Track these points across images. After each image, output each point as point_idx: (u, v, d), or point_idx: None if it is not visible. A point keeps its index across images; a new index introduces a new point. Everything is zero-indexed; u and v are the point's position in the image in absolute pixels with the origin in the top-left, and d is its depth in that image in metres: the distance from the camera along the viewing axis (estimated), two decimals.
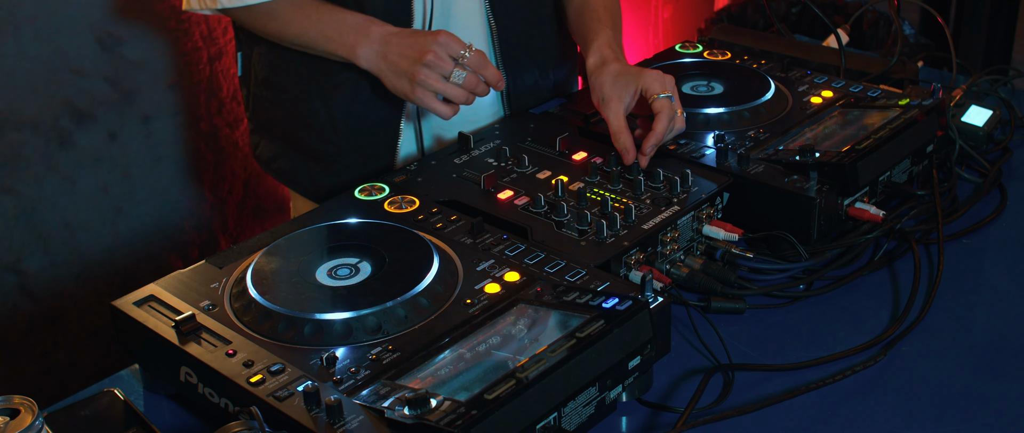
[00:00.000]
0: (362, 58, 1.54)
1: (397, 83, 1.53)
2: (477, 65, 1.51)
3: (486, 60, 1.52)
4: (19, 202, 2.13)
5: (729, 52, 1.88)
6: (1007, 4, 3.24)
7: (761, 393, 1.25)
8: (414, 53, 1.50)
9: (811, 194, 1.42)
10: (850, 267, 1.47)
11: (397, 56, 1.51)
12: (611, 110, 1.54)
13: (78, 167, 2.20)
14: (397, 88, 1.53)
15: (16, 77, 2.08)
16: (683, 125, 1.55)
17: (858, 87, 1.73)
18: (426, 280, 1.23)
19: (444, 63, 1.49)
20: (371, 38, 1.54)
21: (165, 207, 2.37)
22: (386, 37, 1.53)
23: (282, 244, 1.32)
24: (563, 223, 1.38)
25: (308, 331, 1.17)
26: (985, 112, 1.73)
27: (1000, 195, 1.64)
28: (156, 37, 2.25)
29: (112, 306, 1.25)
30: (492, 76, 1.53)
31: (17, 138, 2.10)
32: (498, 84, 1.55)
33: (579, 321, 1.13)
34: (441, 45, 1.49)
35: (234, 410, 1.12)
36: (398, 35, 1.53)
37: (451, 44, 1.50)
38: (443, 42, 1.49)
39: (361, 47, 1.54)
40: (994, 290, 1.46)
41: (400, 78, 1.52)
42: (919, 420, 1.22)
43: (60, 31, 2.11)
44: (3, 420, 1.00)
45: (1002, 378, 1.28)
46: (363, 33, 1.54)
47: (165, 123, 2.32)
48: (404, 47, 1.51)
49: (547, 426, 1.06)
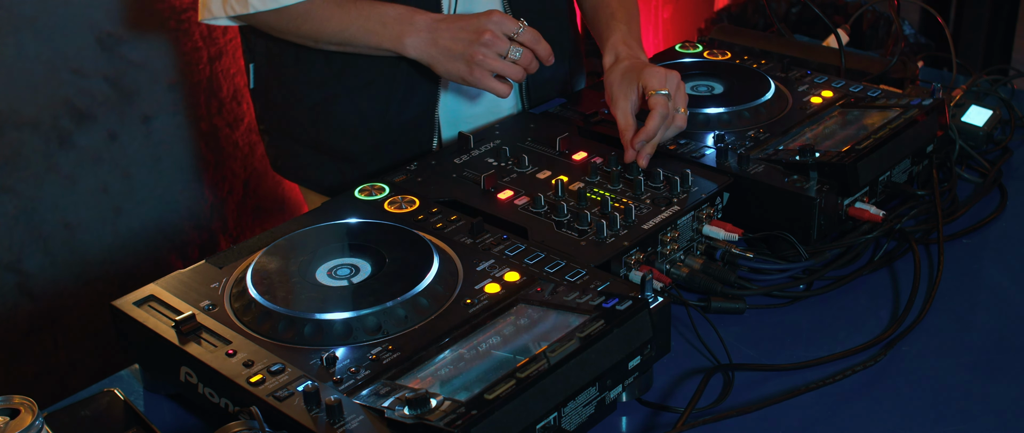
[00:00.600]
0: (410, 47, 1.55)
1: (452, 66, 1.54)
2: (531, 41, 1.54)
3: (538, 35, 1.55)
4: (19, 202, 2.13)
5: (729, 52, 1.88)
6: (1007, 4, 3.24)
7: (761, 393, 1.25)
8: (469, 35, 1.51)
9: (811, 194, 1.42)
10: (850, 267, 1.47)
11: (450, 40, 1.52)
12: (618, 108, 1.55)
13: (78, 167, 2.20)
14: (452, 71, 1.54)
15: (16, 77, 2.08)
16: (683, 124, 1.54)
17: (858, 87, 1.73)
18: (426, 280, 1.23)
19: (501, 42, 1.52)
20: (417, 26, 1.54)
21: (165, 207, 2.37)
22: (434, 24, 1.54)
23: (282, 244, 1.32)
24: (563, 223, 1.38)
25: (308, 331, 1.17)
26: (985, 112, 1.73)
27: (1000, 195, 1.64)
28: (156, 37, 2.25)
29: (112, 306, 1.25)
30: (544, 52, 1.56)
31: (17, 138, 2.10)
32: (548, 59, 1.57)
33: (579, 321, 1.13)
34: (496, 24, 1.52)
35: (234, 410, 1.12)
36: (446, 20, 1.55)
37: (506, 23, 1.52)
38: (498, 21, 1.52)
39: (408, 36, 1.54)
40: (994, 290, 1.46)
41: (455, 61, 1.53)
42: (919, 420, 1.22)
43: (60, 31, 2.11)
44: (3, 420, 1.00)
45: (1002, 378, 1.28)
46: (408, 22, 1.55)
47: (165, 123, 2.32)
48: (457, 30, 1.53)
49: (547, 426, 1.06)
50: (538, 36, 1.55)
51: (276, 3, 1.56)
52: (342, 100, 1.68)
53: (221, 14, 1.60)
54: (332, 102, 1.68)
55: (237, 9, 1.58)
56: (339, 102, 1.68)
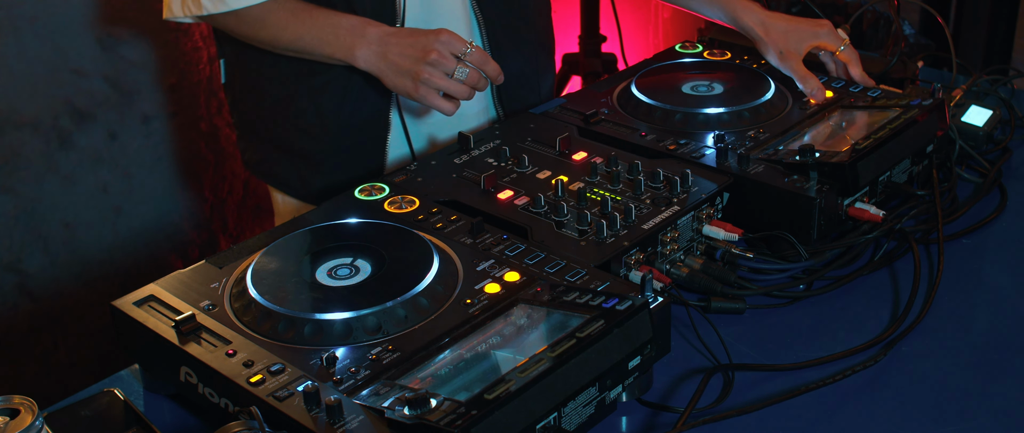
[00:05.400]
0: (360, 59, 1.55)
1: (399, 82, 1.54)
2: (478, 61, 1.54)
3: (487, 56, 1.55)
4: (19, 202, 2.14)
5: (729, 52, 1.88)
6: (1007, 4, 3.24)
7: (761, 393, 1.25)
8: (416, 52, 1.52)
9: (811, 194, 1.42)
10: (850, 267, 1.47)
11: (398, 55, 1.53)
12: (793, 61, 1.72)
13: (78, 167, 2.20)
14: (398, 87, 1.55)
15: (16, 77, 2.08)
16: None
17: (858, 87, 1.73)
18: (426, 280, 1.23)
19: (447, 61, 1.52)
20: (368, 39, 1.55)
21: (165, 207, 2.37)
22: (384, 37, 1.55)
23: (282, 244, 1.32)
24: (563, 223, 1.38)
25: (308, 331, 1.17)
26: (985, 112, 1.73)
27: (1000, 195, 1.64)
28: (156, 37, 2.25)
29: (112, 306, 1.25)
30: (492, 71, 1.57)
31: (17, 138, 2.11)
32: (498, 78, 1.58)
33: (579, 321, 1.13)
34: (444, 43, 1.52)
35: (234, 410, 1.12)
36: (396, 35, 1.55)
37: (454, 42, 1.52)
38: (446, 41, 1.52)
39: (359, 48, 1.55)
40: (994, 290, 1.46)
41: (402, 77, 1.53)
42: (919, 420, 1.22)
43: (60, 31, 2.11)
44: (3, 420, 1.00)
45: (1002, 378, 1.28)
46: (360, 34, 1.55)
47: (165, 123, 2.32)
48: (405, 46, 1.53)
49: (547, 426, 1.06)
50: (486, 57, 1.55)
51: (226, 6, 1.57)
52: (302, 98, 1.69)
53: (180, 14, 1.62)
54: (293, 100, 1.69)
55: (193, 10, 1.60)
56: (300, 100, 1.69)
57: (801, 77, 1.71)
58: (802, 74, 1.71)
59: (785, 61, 1.73)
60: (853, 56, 1.76)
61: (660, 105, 1.66)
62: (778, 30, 1.74)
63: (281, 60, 1.66)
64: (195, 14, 1.60)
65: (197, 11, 1.59)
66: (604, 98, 1.73)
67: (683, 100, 1.67)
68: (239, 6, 1.57)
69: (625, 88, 1.73)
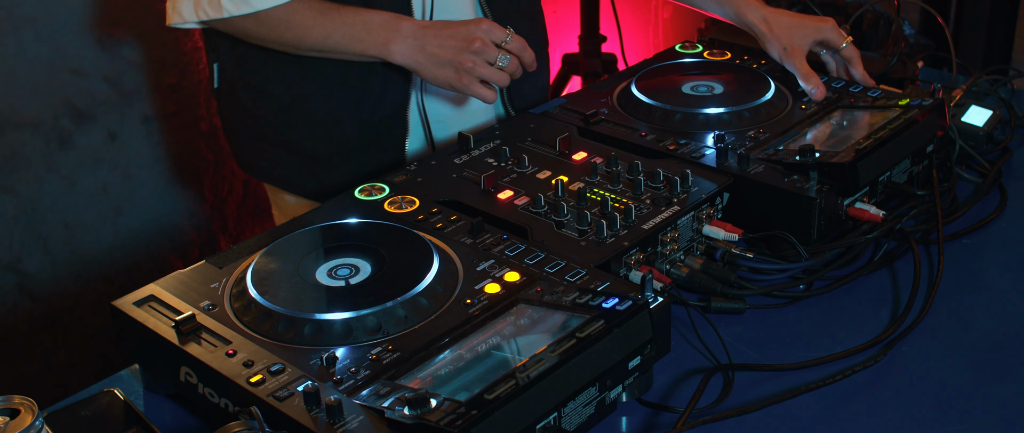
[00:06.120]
0: (396, 53, 1.56)
1: (439, 73, 1.55)
2: (518, 49, 1.57)
3: (525, 44, 1.58)
4: (19, 202, 2.14)
5: (729, 52, 1.88)
6: (1007, 4, 3.24)
7: (761, 393, 1.25)
8: (458, 42, 1.54)
9: (811, 194, 1.42)
10: (850, 267, 1.47)
11: (439, 47, 1.54)
12: (796, 58, 1.73)
13: (78, 167, 2.20)
14: (439, 78, 1.56)
15: (16, 77, 2.08)
16: None
17: (858, 87, 1.73)
18: (426, 280, 1.23)
19: (490, 49, 1.55)
20: (403, 33, 1.56)
21: (165, 207, 2.37)
22: (420, 30, 1.56)
23: (282, 244, 1.32)
24: (563, 223, 1.38)
25: (308, 331, 1.17)
26: (985, 112, 1.73)
27: (1000, 195, 1.64)
28: (156, 37, 2.25)
29: (112, 306, 1.25)
30: (529, 58, 1.59)
31: (17, 138, 2.11)
32: (532, 65, 1.61)
33: (579, 321, 1.13)
34: (486, 32, 1.55)
35: (234, 410, 1.12)
36: (433, 27, 1.56)
37: (494, 30, 1.55)
38: (487, 29, 1.55)
39: (395, 43, 1.55)
40: (994, 290, 1.46)
41: (443, 67, 1.55)
42: (919, 420, 1.22)
43: (60, 31, 2.11)
44: (3, 420, 1.00)
45: (1002, 378, 1.28)
46: (394, 29, 1.56)
47: (165, 123, 2.32)
48: (445, 38, 1.55)
49: (547, 426, 1.06)
50: (524, 44, 1.58)
51: (249, 7, 1.54)
52: (313, 100, 1.68)
53: (192, 18, 1.58)
54: (303, 102, 1.68)
55: (210, 13, 1.56)
56: (310, 102, 1.68)
57: (803, 75, 1.71)
58: (804, 72, 1.72)
59: (788, 57, 1.74)
60: (855, 55, 1.76)
61: (660, 105, 1.66)
62: (781, 25, 1.76)
63: (289, 63, 1.64)
64: (213, 17, 1.56)
65: (215, 13, 1.55)
66: (604, 98, 1.73)
67: (683, 100, 1.67)
68: (264, 7, 1.54)
69: (625, 88, 1.73)
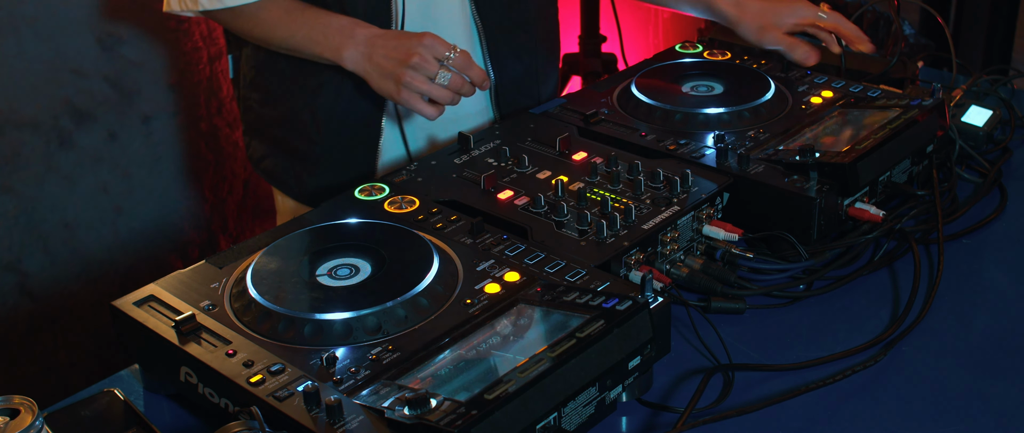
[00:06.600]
0: (347, 60, 1.56)
1: (383, 84, 1.54)
2: (462, 66, 1.53)
3: (470, 60, 1.54)
4: (19, 202, 2.14)
5: (729, 52, 1.88)
6: (1007, 4, 3.24)
7: (761, 393, 1.25)
8: (399, 54, 1.52)
9: (811, 194, 1.42)
10: (850, 267, 1.47)
11: (382, 58, 1.53)
12: (773, 33, 1.74)
13: (78, 167, 2.20)
14: (383, 89, 1.55)
15: (16, 77, 2.08)
16: None
17: (858, 87, 1.73)
18: (426, 280, 1.23)
19: (429, 65, 1.51)
20: (356, 40, 1.55)
21: (165, 207, 2.37)
22: (371, 39, 1.55)
23: (282, 244, 1.32)
24: (563, 223, 1.38)
25: (308, 331, 1.17)
26: (985, 112, 1.73)
27: (1000, 195, 1.64)
28: (156, 37, 2.25)
29: (112, 306, 1.25)
30: (477, 76, 1.55)
31: (17, 138, 2.11)
32: (483, 84, 1.57)
33: (579, 321, 1.13)
34: (426, 47, 1.51)
35: (234, 410, 1.12)
36: (383, 37, 1.55)
37: (436, 46, 1.51)
38: (428, 44, 1.51)
39: (347, 49, 1.55)
40: (994, 290, 1.46)
41: (386, 79, 1.53)
42: (919, 420, 1.22)
43: (60, 31, 2.11)
44: (3, 420, 1.00)
45: (1002, 378, 1.28)
46: (348, 35, 1.55)
47: (165, 123, 2.32)
48: (389, 49, 1.53)
49: (547, 426, 1.06)
50: (469, 61, 1.54)
51: (222, 3, 1.58)
52: (298, 97, 1.70)
53: (177, 8, 1.63)
54: (290, 98, 1.71)
55: (189, 5, 1.61)
56: (296, 99, 1.70)
57: (788, 45, 1.73)
58: (788, 42, 1.73)
59: (765, 34, 1.75)
60: (838, 19, 1.75)
61: (660, 105, 1.66)
62: (753, 10, 1.76)
63: (280, 59, 1.67)
64: (191, 9, 1.61)
65: (193, 6, 1.60)
66: (604, 98, 1.73)
67: (683, 100, 1.67)
68: (233, 3, 1.58)
69: (625, 88, 1.73)
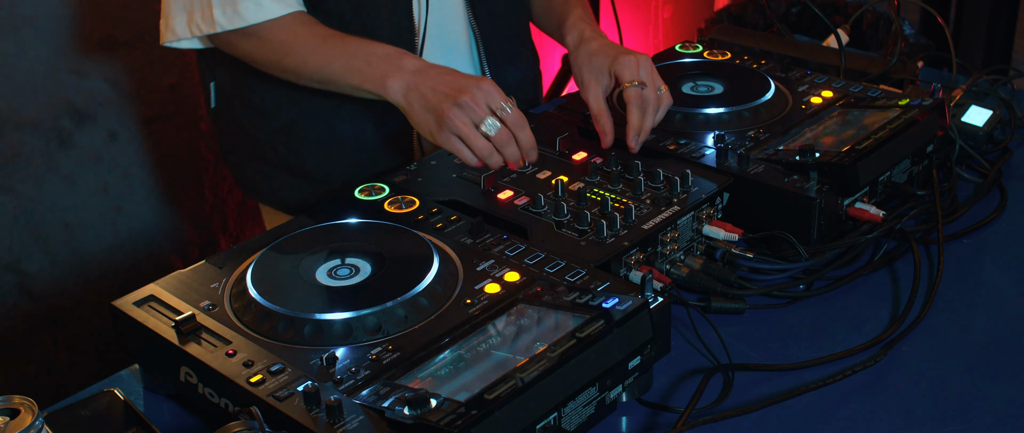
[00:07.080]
0: (391, 90, 1.44)
1: (423, 117, 1.42)
2: (514, 122, 1.40)
3: (524, 122, 1.42)
4: (19, 202, 2.14)
5: (729, 52, 1.88)
6: (1007, 4, 3.24)
7: (761, 393, 1.25)
8: (449, 89, 1.40)
9: (811, 194, 1.42)
10: (850, 267, 1.47)
11: (429, 90, 1.41)
12: (590, 93, 1.55)
13: (78, 167, 2.20)
14: (421, 124, 1.43)
15: (16, 77, 2.08)
16: (669, 100, 1.54)
17: (858, 87, 1.73)
18: (426, 280, 1.23)
19: (479, 109, 1.39)
20: (404, 69, 1.44)
21: (165, 207, 2.37)
22: (421, 69, 1.44)
23: (282, 244, 1.32)
24: (563, 223, 1.38)
25: (308, 331, 1.17)
26: (985, 112, 1.73)
27: (1000, 195, 1.64)
28: (156, 37, 2.25)
29: (112, 306, 1.25)
30: (526, 141, 1.42)
31: (17, 138, 2.11)
32: (529, 154, 1.44)
33: (579, 321, 1.13)
34: (482, 91, 1.39)
35: (234, 410, 1.12)
36: (435, 69, 1.44)
37: (493, 94, 1.40)
38: (486, 89, 1.39)
39: (392, 78, 1.44)
40: (994, 290, 1.46)
41: (427, 112, 1.41)
42: (919, 420, 1.22)
43: (60, 31, 2.11)
44: (3, 420, 1.00)
45: (1002, 378, 1.28)
46: (396, 64, 1.45)
47: (165, 123, 2.32)
48: (439, 82, 1.41)
49: (547, 426, 1.06)
50: (524, 122, 1.41)
51: (242, 20, 1.48)
52: (314, 120, 1.63)
53: (186, 34, 1.53)
54: (303, 122, 1.64)
55: (203, 28, 1.50)
56: (311, 122, 1.64)
57: (593, 113, 1.54)
58: (594, 110, 1.53)
59: (584, 90, 1.56)
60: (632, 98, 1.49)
61: None
62: (586, 53, 1.57)
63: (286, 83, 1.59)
64: (206, 32, 1.51)
65: (208, 28, 1.50)
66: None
67: (683, 100, 1.67)
68: (257, 20, 1.48)
69: None
